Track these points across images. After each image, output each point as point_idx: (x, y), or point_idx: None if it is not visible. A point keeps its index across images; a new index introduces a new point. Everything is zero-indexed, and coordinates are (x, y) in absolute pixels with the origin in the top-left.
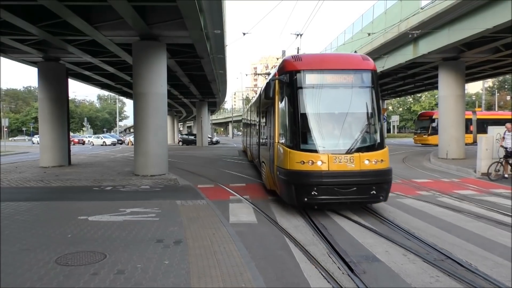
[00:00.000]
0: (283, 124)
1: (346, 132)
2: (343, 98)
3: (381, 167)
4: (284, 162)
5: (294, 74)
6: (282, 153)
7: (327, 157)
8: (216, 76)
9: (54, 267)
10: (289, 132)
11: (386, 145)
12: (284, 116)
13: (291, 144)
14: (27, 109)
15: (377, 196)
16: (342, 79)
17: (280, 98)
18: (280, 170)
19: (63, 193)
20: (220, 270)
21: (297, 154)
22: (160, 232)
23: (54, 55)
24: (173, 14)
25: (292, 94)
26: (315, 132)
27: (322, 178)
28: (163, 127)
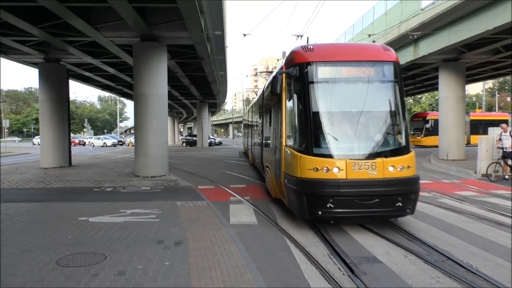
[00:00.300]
0: (291, 124)
1: (366, 134)
2: (362, 94)
3: (408, 174)
4: (294, 168)
5: (304, 67)
6: (291, 158)
7: (344, 163)
8: (216, 77)
9: (55, 268)
10: (299, 134)
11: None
12: (293, 115)
13: (301, 147)
14: (27, 110)
15: (403, 209)
16: (360, 72)
17: (288, 94)
18: (288, 177)
19: (64, 194)
20: (221, 271)
21: (309, 160)
22: (160, 233)
23: (54, 56)
24: (174, 15)
25: (303, 90)
26: (330, 133)
27: (339, 188)
28: (163, 128)
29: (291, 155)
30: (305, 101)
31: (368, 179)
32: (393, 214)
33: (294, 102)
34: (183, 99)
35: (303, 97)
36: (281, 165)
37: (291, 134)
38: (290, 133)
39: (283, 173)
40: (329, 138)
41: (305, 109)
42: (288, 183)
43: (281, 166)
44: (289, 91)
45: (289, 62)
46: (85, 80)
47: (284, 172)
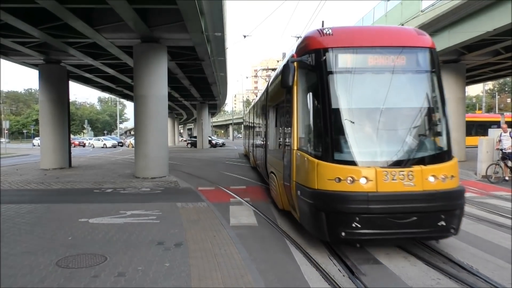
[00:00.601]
0: (305, 124)
1: (399, 135)
2: (393, 87)
3: (452, 186)
4: (309, 178)
5: (322, 54)
6: (305, 165)
7: (374, 172)
8: (216, 78)
9: (55, 270)
10: (316, 136)
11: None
12: (307, 113)
13: (319, 152)
14: (27, 111)
15: (447, 229)
16: (390, 60)
17: (300, 88)
18: (302, 189)
19: (64, 195)
20: (221, 272)
21: (330, 168)
22: (160, 234)
23: (55, 57)
24: (174, 16)
25: (320, 82)
26: (355, 135)
27: (369, 204)
28: (163, 129)
29: (305, 161)
30: (324, 95)
31: (404, 192)
32: (433, 236)
33: (309, 97)
34: (183, 100)
35: (320, 90)
36: (291, 172)
37: (304, 136)
38: (304, 135)
39: (294, 183)
40: (354, 140)
41: (324, 106)
42: (302, 195)
43: (291, 173)
44: (302, 83)
45: (302, 48)
46: (85, 82)
47: (295, 181)
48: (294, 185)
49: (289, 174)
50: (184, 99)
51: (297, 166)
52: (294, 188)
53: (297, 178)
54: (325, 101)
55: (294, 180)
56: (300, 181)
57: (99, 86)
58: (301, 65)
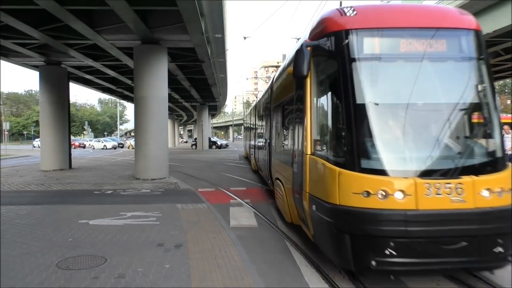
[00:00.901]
0: (322, 123)
1: (442, 138)
2: (433, 78)
3: (509, 201)
4: (328, 190)
5: (344, 37)
6: (322, 174)
7: (413, 184)
8: (216, 79)
9: (55, 271)
10: (336, 138)
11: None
12: (325, 110)
13: (341, 158)
14: (28, 112)
15: (504, 257)
16: (428, 45)
17: (316, 80)
18: (318, 203)
19: (64, 196)
20: (221, 274)
21: (356, 178)
22: (160, 236)
23: (55, 59)
24: (174, 18)
25: (342, 72)
26: (387, 137)
27: (407, 225)
28: (163, 130)
29: (322, 169)
30: (346, 88)
31: (451, 210)
32: (488, 265)
33: (326, 91)
34: (183, 101)
35: (342, 82)
36: (303, 182)
37: (321, 138)
38: (320, 137)
39: (308, 194)
40: (385, 143)
41: (347, 101)
42: (318, 211)
43: (303, 183)
44: (319, 74)
45: (319, 32)
46: (86, 83)
47: (309, 193)
48: (307, 197)
49: (301, 183)
50: (184, 101)
51: (311, 174)
52: (308, 201)
53: (311, 189)
54: (348, 95)
55: (307, 192)
56: (316, 193)
57: (99, 87)
58: (317, 51)
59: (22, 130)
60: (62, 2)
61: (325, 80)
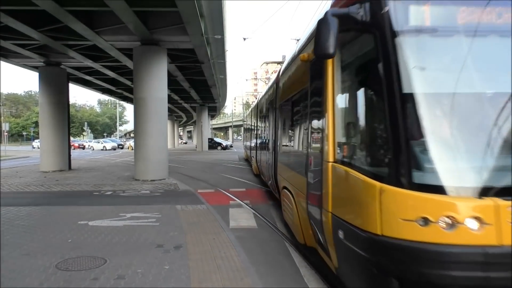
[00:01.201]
0: (350, 121)
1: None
2: (507, 58)
3: None
4: (364, 214)
5: (383, 4)
6: (354, 190)
7: (493, 207)
8: (216, 80)
9: (55, 272)
10: (374, 140)
11: None
12: (354, 103)
13: (383, 169)
14: (27, 113)
15: None
16: (496, 15)
17: (342, 62)
18: (347, 229)
19: (64, 198)
20: (221, 275)
21: (407, 199)
22: (160, 237)
23: (55, 59)
24: (174, 19)
25: (383, 50)
26: (451, 140)
27: (488, 269)
28: (163, 131)
29: (354, 183)
30: (390, 72)
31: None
32: None
33: (358, 77)
34: (183, 102)
35: (384, 64)
36: (323, 197)
37: (349, 141)
38: (347, 138)
39: (330, 215)
40: (449, 149)
41: (391, 90)
42: (347, 240)
43: (323, 199)
44: (345, 54)
45: (346, 1)
46: (85, 84)
47: (332, 213)
48: (329, 218)
49: (319, 199)
50: (183, 102)
51: (335, 189)
52: (330, 223)
53: (335, 208)
54: (393, 82)
55: (330, 211)
56: (343, 215)
57: (99, 88)
58: (344, 23)
59: (21, 131)
60: (62, 3)
61: (355, 62)
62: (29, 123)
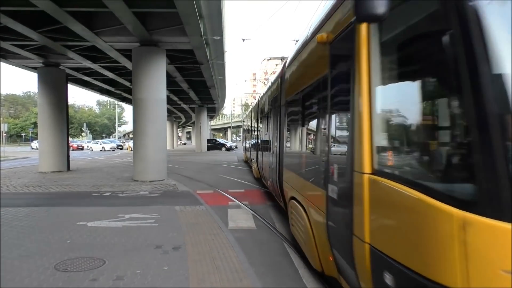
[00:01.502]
0: (398, 117)
1: None
2: None
3: None
4: (435, 257)
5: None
6: (413, 219)
7: None
8: (215, 81)
9: (53, 273)
10: (446, 145)
11: None
12: (409, 91)
13: (467, 191)
14: (26, 114)
15: None
16: None
17: (381, 36)
18: (401, 274)
19: (62, 198)
20: (219, 276)
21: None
22: (159, 238)
23: (54, 60)
24: (173, 20)
25: (467, 14)
26: None
27: None
28: (162, 132)
29: (411, 208)
30: (481, 45)
31: None
32: None
33: (418, 54)
34: (181, 103)
35: (469, 35)
36: (355, 220)
37: (399, 145)
38: (392, 141)
39: (368, 247)
40: None
41: (474, 68)
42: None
43: (355, 222)
44: (396, 22)
45: None
46: (84, 85)
47: (371, 244)
48: (366, 251)
49: (349, 221)
50: (182, 102)
51: (375, 211)
52: (368, 258)
53: (376, 239)
54: (484, 59)
55: (367, 242)
56: (392, 251)
57: (98, 89)
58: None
59: (20, 132)
60: (61, 3)
61: (409, 33)
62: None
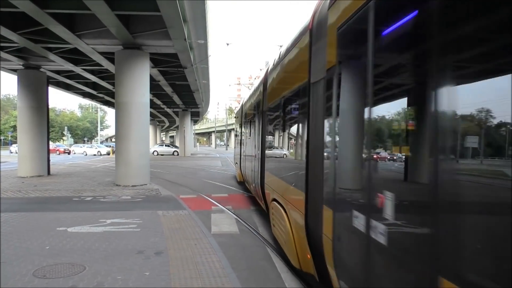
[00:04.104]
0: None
1: None
2: None
3: None
4: None
5: None
6: None
7: None
8: (199, 86)
9: (32, 280)
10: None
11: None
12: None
13: None
14: (5, 117)
15: None
16: None
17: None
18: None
19: (42, 203)
20: (202, 281)
21: None
22: (141, 243)
23: (34, 62)
24: (157, 23)
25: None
26: None
27: None
28: (145, 136)
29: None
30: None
31: None
32: None
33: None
34: (165, 107)
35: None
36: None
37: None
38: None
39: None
40: None
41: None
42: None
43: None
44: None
45: None
46: (66, 88)
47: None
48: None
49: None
50: (166, 106)
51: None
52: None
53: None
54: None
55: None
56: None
57: (79, 92)
58: None
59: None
60: (42, 5)
61: None
62: (7, 127)
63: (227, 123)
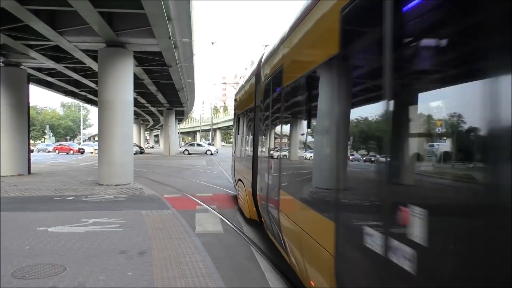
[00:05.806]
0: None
1: None
2: None
3: None
4: None
5: None
6: None
7: None
8: (184, 84)
9: (10, 281)
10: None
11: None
12: None
13: None
14: None
15: None
16: None
17: None
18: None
19: (22, 203)
20: (185, 281)
21: None
22: (123, 243)
23: (15, 60)
24: (141, 21)
25: None
26: None
27: None
28: (129, 135)
29: None
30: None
31: None
32: None
33: None
34: (149, 106)
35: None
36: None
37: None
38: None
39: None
40: None
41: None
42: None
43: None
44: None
45: None
46: (47, 86)
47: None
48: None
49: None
50: (150, 105)
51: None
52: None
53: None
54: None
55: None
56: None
57: (61, 90)
58: None
59: None
60: (23, 1)
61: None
62: None
63: (212, 122)
